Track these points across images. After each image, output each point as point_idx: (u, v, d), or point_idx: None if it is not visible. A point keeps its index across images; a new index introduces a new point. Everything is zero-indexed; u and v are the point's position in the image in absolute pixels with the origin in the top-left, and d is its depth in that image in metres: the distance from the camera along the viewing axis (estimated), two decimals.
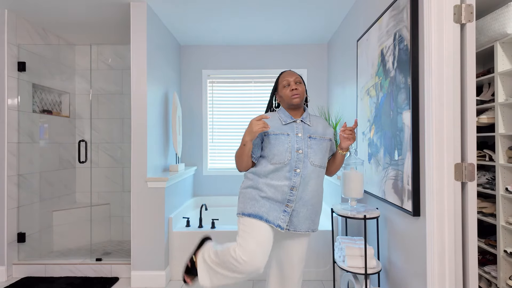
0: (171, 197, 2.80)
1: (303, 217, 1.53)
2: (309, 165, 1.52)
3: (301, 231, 1.54)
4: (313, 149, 1.54)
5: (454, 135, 1.40)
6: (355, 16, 2.55)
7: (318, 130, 1.60)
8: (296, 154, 1.52)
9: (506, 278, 2.02)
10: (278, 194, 1.50)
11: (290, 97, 1.56)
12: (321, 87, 3.63)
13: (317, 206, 1.58)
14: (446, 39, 1.39)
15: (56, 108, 3.35)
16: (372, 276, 2.14)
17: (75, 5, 2.60)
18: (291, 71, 1.65)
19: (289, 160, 1.51)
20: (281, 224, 1.50)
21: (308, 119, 1.62)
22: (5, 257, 2.63)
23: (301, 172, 1.51)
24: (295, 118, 1.60)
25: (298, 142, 1.53)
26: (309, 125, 1.59)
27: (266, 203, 1.51)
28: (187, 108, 3.67)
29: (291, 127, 1.57)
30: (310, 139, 1.55)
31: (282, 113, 1.62)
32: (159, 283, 2.55)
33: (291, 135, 1.54)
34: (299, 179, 1.50)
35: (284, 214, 1.51)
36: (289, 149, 1.52)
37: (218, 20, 2.93)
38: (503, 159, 2.08)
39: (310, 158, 1.53)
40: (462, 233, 1.43)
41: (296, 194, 1.51)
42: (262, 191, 1.52)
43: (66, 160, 3.45)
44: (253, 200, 1.53)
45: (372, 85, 2.11)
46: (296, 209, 1.52)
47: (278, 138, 1.53)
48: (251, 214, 1.50)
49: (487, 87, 2.35)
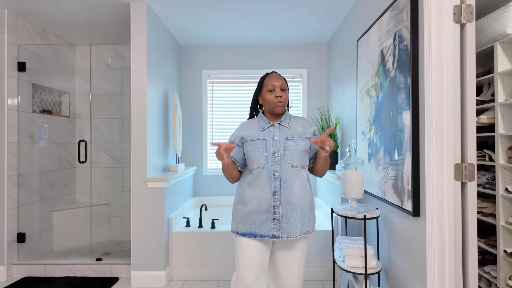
0: (171, 197, 2.80)
1: (294, 221, 1.50)
2: (287, 167, 1.50)
3: (294, 237, 1.50)
4: (289, 150, 1.52)
5: (454, 135, 1.40)
6: (355, 16, 2.55)
7: (297, 131, 1.57)
8: (273, 158, 1.51)
9: (506, 278, 2.02)
10: (263, 204, 1.49)
11: (275, 103, 1.54)
12: (321, 87, 3.63)
13: (306, 208, 1.54)
14: (446, 39, 1.39)
15: (56, 108, 3.35)
16: (372, 276, 2.14)
17: (75, 5, 2.60)
18: (277, 74, 1.61)
19: (266, 164, 1.51)
20: (275, 234, 1.49)
21: (287, 121, 1.60)
22: (5, 257, 2.63)
23: (280, 175, 1.50)
24: (273, 122, 1.59)
25: (274, 145, 1.53)
26: (287, 127, 1.58)
27: (255, 219, 1.51)
28: (187, 108, 3.67)
29: (268, 132, 1.56)
30: (287, 140, 1.54)
31: (261, 119, 1.61)
32: (159, 283, 2.55)
33: (267, 139, 1.54)
34: (279, 182, 1.49)
35: (274, 222, 1.49)
36: (264, 153, 1.52)
37: (218, 20, 2.94)
38: (503, 159, 2.08)
39: (288, 160, 1.51)
40: (462, 233, 1.43)
41: (280, 199, 1.49)
42: (248, 204, 1.53)
43: (66, 160, 3.45)
44: (243, 219, 1.54)
45: (372, 85, 2.11)
46: (285, 214, 1.49)
47: (254, 144, 1.54)
48: (245, 233, 1.53)
49: (487, 87, 2.35)
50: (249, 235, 1.52)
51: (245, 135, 1.59)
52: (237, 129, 1.66)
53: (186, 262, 2.67)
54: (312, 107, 3.63)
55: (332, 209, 2.05)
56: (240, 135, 1.60)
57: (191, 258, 2.67)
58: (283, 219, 1.49)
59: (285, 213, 1.49)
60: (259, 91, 1.63)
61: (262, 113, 1.65)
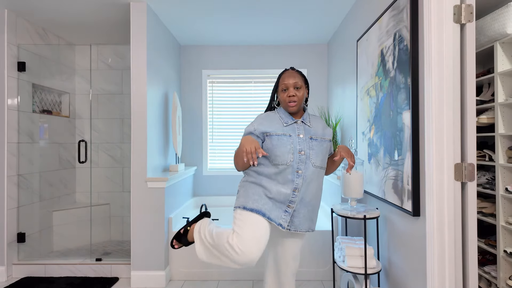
0: (171, 197, 2.80)
1: (304, 217, 1.55)
2: (311, 167, 1.52)
3: (301, 231, 1.56)
4: (314, 151, 1.53)
5: (454, 135, 1.40)
6: (355, 16, 2.55)
7: (318, 131, 1.59)
8: (299, 156, 1.50)
9: (506, 278, 2.02)
10: (281, 196, 1.50)
11: (287, 103, 1.55)
12: (321, 87, 3.63)
13: (316, 206, 1.60)
14: (446, 39, 1.39)
15: (56, 108, 3.35)
16: (372, 276, 2.14)
17: (75, 5, 2.60)
18: (293, 71, 1.59)
19: (292, 161, 1.50)
20: (282, 223, 1.50)
21: (308, 120, 1.61)
22: (5, 257, 2.63)
23: (303, 173, 1.50)
24: (295, 119, 1.59)
25: (300, 143, 1.52)
26: (309, 126, 1.59)
27: (269, 202, 1.50)
28: (187, 108, 3.67)
29: (292, 128, 1.55)
30: (312, 140, 1.54)
31: (283, 114, 1.59)
32: (159, 283, 2.55)
33: (293, 136, 1.53)
34: (301, 180, 1.50)
35: (285, 214, 1.51)
36: (291, 150, 1.50)
37: (218, 20, 2.93)
38: (503, 159, 2.08)
39: (312, 160, 1.52)
40: (462, 233, 1.43)
41: (298, 196, 1.51)
42: (265, 189, 1.51)
43: (66, 160, 3.45)
44: (256, 195, 1.51)
45: (372, 85, 2.11)
46: (297, 209, 1.52)
47: (281, 139, 1.51)
48: (254, 209, 1.48)
49: (487, 87, 2.35)
50: (258, 212, 1.48)
51: (269, 129, 1.54)
52: (256, 120, 1.59)
53: (186, 262, 2.67)
54: (312, 107, 3.63)
55: (332, 209, 2.05)
56: (260, 128, 1.54)
57: (191, 258, 2.67)
58: (294, 214, 1.53)
59: (298, 209, 1.53)
60: (276, 89, 1.65)
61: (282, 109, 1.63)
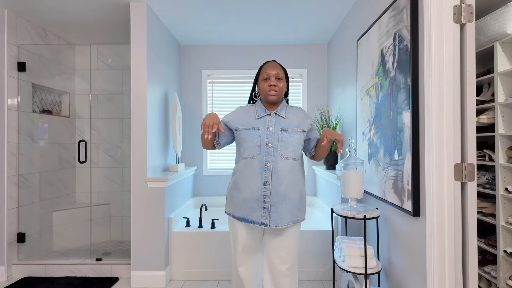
0: (171, 197, 2.80)
1: (283, 211, 1.54)
2: (280, 159, 1.52)
3: (282, 226, 1.54)
4: (283, 142, 1.53)
5: (454, 135, 1.40)
6: (355, 16, 2.55)
7: (293, 122, 1.58)
8: (266, 148, 1.52)
9: (506, 278, 2.02)
10: (254, 193, 1.53)
11: (267, 92, 1.55)
12: (321, 87, 3.63)
13: (296, 199, 1.57)
14: (446, 39, 1.39)
15: (56, 108, 3.35)
16: (372, 276, 2.14)
17: (75, 5, 2.60)
18: (275, 63, 1.61)
19: (258, 154, 1.52)
20: (264, 221, 1.53)
21: (284, 111, 1.60)
22: (5, 257, 2.63)
23: (272, 166, 1.52)
24: (269, 111, 1.60)
25: (268, 136, 1.53)
26: (283, 117, 1.58)
27: (247, 206, 1.55)
28: (187, 108, 3.67)
29: (263, 121, 1.57)
30: (282, 131, 1.54)
31: (258, 107, 1.62)
32: (159, 283, 2.55)
33: (261, 129, 1.55)
34: (270, 173, 1.51)
35: (264, 210, 1.53)
36: (258, 143, 1.53)
37: (218, 20, 2.93)
38: (503, 159, 2.08)
39: (280, 152, 1.53)
40: (462, 233, 1.43)
41: (270, 189, 1.52)
42: (241, 191, 1.57)
43: (66, 160, 3.45)
44: (238, 204, 1.59)
45: (372, 85, 2.11)
46: (274, 204, 1.53)
47: (249, 133, 1.56)
48: (239, 218, 1.59)
49: (487, 87, 2.35)
50: (242, 220, 1.58)
51: (238, 124, 1.60)
52: (234, 111, 1.67)
53: (186, 262, 2.67)
54: (312, 107, 3.63)
55: (332, 209, 2.05)
56: (233, 121, 1.62)
57: (191, 258, 2.67)
58: (272, 209, 1.53)
59: (274, 203, 1.52)
60: (256, 79, 1.65)
61: (260, 101, 1.65)
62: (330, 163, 3.00)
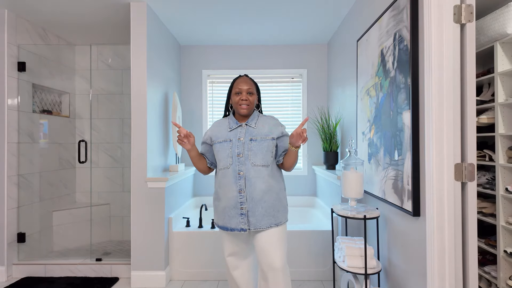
0: (171, 197, 2.80)
1: (260, 214, 1.61)
2: (251, 167, 1.61)
3: (262, 228, 1.61)
4: (253, 151, 1.62)
5: (454, 135, 1.40)
6: (355, 16, 2.55)
7: (262, 131, 1.65)
8: (237, 158, 1.62)
9: (506, 278, 2.02)
10: (231, 200, 1.62)
11: (239, 105, 1.65)
12: (321, 87, 3.63)
13: (272, 202, 1.63)
14: (446, 39, 1.39)
15: (56, 108, 3.35)
16: (372, 276, 2.14)
17: (75, 5, 2.60)
18: (246, 78, 1.71)
19: (231, 164, 1.62)
20: (243, 227, 1.61)
21: (254, 122, 1.69)
22: (5, 257, 2.63)
23: (245, 174, 1.61)
24: (240, 123, 1.69)
25: (239, 147, 1.63)
26: (253, 128, 1.67)
27: (226, 214, 1.64)
28: (187, 108, 3.67)
29: (235, 133, 1.66)
30: (251, 141, 1.63)
31: (231, 119, 1.71)
32: (159, 283, 2.55)
33: (233, 141, 1.64)
34: (244, 181, 1.61)
35: (242, 217, 1.61)
36: (230, 154, 1.63)
37: (218, 20, 2.93)
38: (503, 159, 2.08)
39: (251, 160, 1.61)
40: (462, 233, 1.43)
41: (245, 196, 1.61)
42: (221, 201, 1.66)
43: (66, 160, 3.45)
44: (219, 213, 1.69)
45: (372, 85, 2.11)
46: (251, 209, 1.61)
47: (222, 146, 1.66)
48: (221, 226, 1.68)
49: (487, 87, 2.35)
50: (223, 228, 1.67)
51: (214, 137, 1.70)
52: (210, 128, 1.78)
53: (186, 262, 2.67)
54: (312, 107, 3.63)
55: (332, 209, 2.05)
56: (210, 136, 1.72)
57: (191, 258, 2.67)
58: (249, 214, 1.61)
59: (250, 208, 1.61)
60: (230, 92, 1.74)
61: (233, 114, 1.75)
62: (330, 163, 3.00)
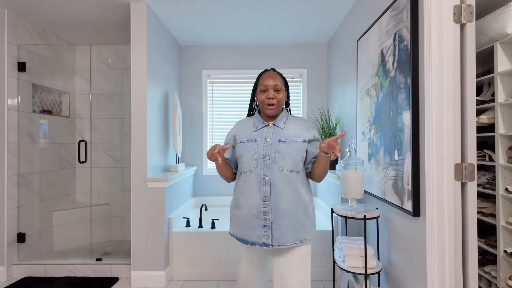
0: (171, 197, 2.80)
1: (285, 228, 1.40)
2: (278, 171, 1.41)
3: (286, 245, 1.41)
4: (281, 154, 1.42)
5: (454, 135, 1.40)
6: (355, 16, 2.55)
7: (291, 133, 1.47)
8: (263, 161, 1.42)
9: (506, 278, 2.02)
10: (253, 209, 1.42)
11: (265, 105, 1.47)
12: (321, 87, 3.63)
13: (299, 215, 1.43)
14: (446, 39, 1.39)
15: (56, 108, 3.35)
16: (372, 276, 2.14)
17: (75, 5, 2.60)
18: (274, 72, 1.51)
19: (255, 167, 1.43)
20: (265, 241, 1.41)
21: (283, 122, 1.50)
22: (5, 257, 2.63)
23: (270, 179, 1.41)
24: (267, 122, 1.51)
25: (265, 148, 1.44)
26: (282, 128, 1.48)
27: (247, 225, 1.44)
28: (187, 108, 3.67)
29: (261, 133, 1.48)
30: (280, 143, 1.44)
31: (256, 118, 1.53)
32: (159, 283, 2.55)
33: (258, 141, 1.46)
34: (269, 187, 1.41)
35: (265, 229, 1.41)
36: (254, 156, 1.44)
37: (218, 20, 2.93)
38: (503, 159, 2.08)
39: (278, 164, 1.42)
40: (462, 233, 1.43)
41: (270, 205, 1.41)
42: (241, 209, 1.47)
43: (66, 160, 3.45)
44: (238, 223, 1.49)
45: (372, 85, 2.11)
46: (275, 221, 1.40)
47: (245, 146, 1.47)
48: (240, 238, 1.48)
49: (487, 87, 2.35)
50: (241, 241, 1.47)
51: (238, 136, 1.52)
52: (232, 128, 1.60)
53: (186, 262, 2.67)
54: (312, 107, 3.63)
55: (332, 209, 2.05)
56: (234, 135, 1.54)
57: (191, 258, 2.67)
58: (273, 226, 1.41)
59: (275, 219, 1.41)
60: (255, 89, 1.55)
61: (259, 112, 1.56)
62: (330, 163, 3.00)
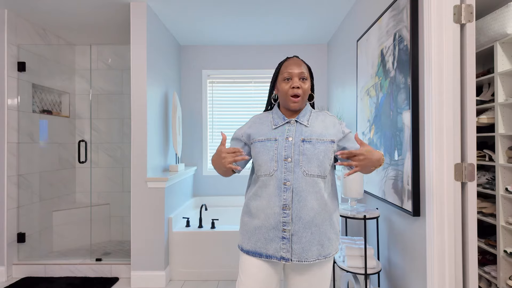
0: (171, 197, 2.80)
1: (308, 242, 1.20)
2: (302, 176, 1.21)
3: (308, 261, 1.20)
4: (306, 156, 1.22)
5: (454, 135, 1.40)
6: (355, 16, 2.55)
7: (317, 131, 1.26)
8: (284, 164, 1.22)
9: (506, 278, 2.02)
10: (270, 219, 1.22)
11: (289, 97, 1.26)
12: (321, 87, 3.63)
13: (325, 227, 1.23)
14: (446, 39, 1.39)
15: (56, 108, 3.35)
16: (372, 276, 2.14)
17: (75, 5, 2.60)
18: (298, 59, 1.30)
19: (275, 171, 1.22)
20: (284, 255, 1.20)
21: (306, 118, 1.30)
22: (5, 257, 2.63)
23: (292, 185, 1.21)
24: (288, 119, 1.30)
25: (287, 148, 1.23)
26: (306, 126, 1.28)
27: (262, 236, 1.24)
28: (187, 108, 3.67)
29: (281, 131, 1.28)
30: (304, 143, 1.24)
31: (276, 114, 1.33)
32: (159, 283, 2.55)
33: (279, 141, 1.25)
34: (291, 194, 1.20)
35: (283, 241, 1.20)
36: (274, 157, 1.23)
37: (218, 20, 2.94)
38: (503, 159, 2.08)
39: (303, 167, 1.21)
40: (462, 233, 1.43)
41: (290, 214, 1.20)
42: (254, 217, 1.26)
43: (66, 160, 3.45)
44: (249, 233, 1.28)
45: (372, 85, 2.11)
46: (296, 233, 1.20)
47: (264, 145, 1.26)
48: (249, 251, 1.26)
49: (487, 87, 2.35)
50: (254, 254, 1.25)
51: (254, 134, 1.31)
52: (247, 122, 1.39)
53: (186, 262, 2.67)
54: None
55: None
56: (248, 133, 1.33)
57: (191, 258, 2.67)
58: (294, 239, 1.20)
59: (296, 231, 1.20)
60: (275, 79, 1.34)
61: (278, 106, 1.36)
62: None
